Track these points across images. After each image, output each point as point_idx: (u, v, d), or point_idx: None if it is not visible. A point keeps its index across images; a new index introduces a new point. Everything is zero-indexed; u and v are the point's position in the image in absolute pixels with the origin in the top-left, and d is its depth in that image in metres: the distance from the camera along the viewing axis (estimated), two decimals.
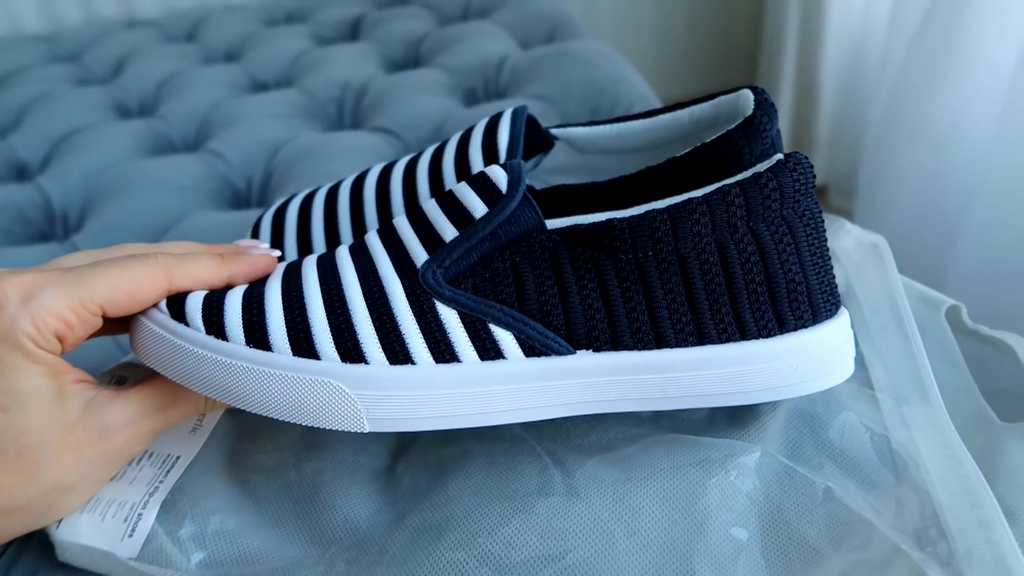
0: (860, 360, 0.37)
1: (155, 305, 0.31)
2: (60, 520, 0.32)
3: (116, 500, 0.32)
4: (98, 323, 0.30)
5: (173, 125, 0.79)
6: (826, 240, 0.32)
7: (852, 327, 0.33)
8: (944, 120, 0.92)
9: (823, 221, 0.31)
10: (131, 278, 0.30)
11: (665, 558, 0.29)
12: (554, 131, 0.44)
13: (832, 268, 0.32)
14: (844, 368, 0.33)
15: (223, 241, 0.45)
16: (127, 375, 0.35)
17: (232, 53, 0.98)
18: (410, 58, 0.92)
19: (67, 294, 0.29)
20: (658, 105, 0.71)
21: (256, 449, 0.36)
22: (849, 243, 0.44)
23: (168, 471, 0.34)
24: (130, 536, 0.31)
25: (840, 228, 0.45)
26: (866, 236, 0.44)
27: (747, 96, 0.38)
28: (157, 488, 0.33)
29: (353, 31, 1.01)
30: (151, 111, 0.84)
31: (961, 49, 0.87)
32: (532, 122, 0.44)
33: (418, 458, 0.35)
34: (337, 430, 0.31)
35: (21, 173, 0.74)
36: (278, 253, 0.35)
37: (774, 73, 1.42)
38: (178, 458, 0.34)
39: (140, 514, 0.32)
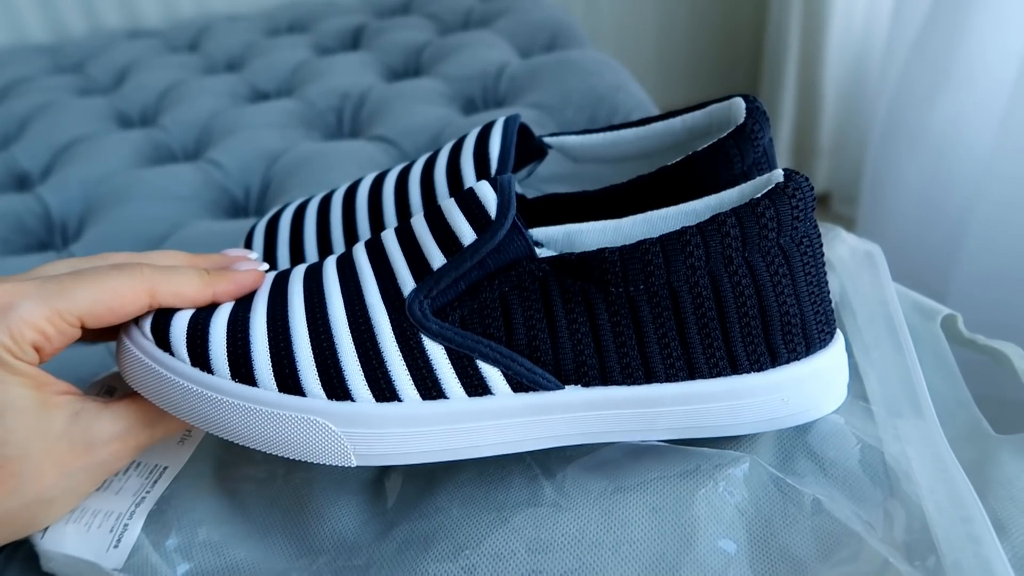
0: (854, 371, 0.36)
1: (139, 327, 0.31)
2: (45, 530, 0.31)
3: (102, 510, 0.32)
4: (76, 334, 0.30)
5: (173, 134, 0.79)
6: (823, 264, 0.31)
7: (846, 338, 0.33)
8: (945, 128, 0.91)
9: (821, 245, 0.31)
10: (112, 290, 0.30)
11: (653, 570, 0.29)
12: (547, 140, 0.44)
13: (828, 294, 0.31)
14: (836, 397, 0.32)
15: (218, 250, 0.45)
16: (116, 386, 0.35)
17: (233, 63, 0.99)
18: (410, 67, 0.92)
19: (45, 305, 0.29)
20: (656, 113, 0.71)
21: (244, 460, 0.36)
22: (844, 251, 0.44)
23: (155, 481, 0.34)
24: (116, 547, 0.31)
25: (835, 236, 0.45)
26: (861, 244, 0.44)
27: (739, 104, 0.38)
28: (144, 498, 0.33)
29: (354, 41, 1.02)
30: (152, 121, 0.85)
31: (962, 57, 0.87)
32: (525, 131, 0.43)
33: (407, 469, 0.35)
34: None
35: (22, 183, 0.74)
36: (266, 267, 0.35)
37: (776, 81, 1.42)
38: (165, 468, 0.34)
39: (126, 524, 0.32)
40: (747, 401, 0.31)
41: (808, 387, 0.31)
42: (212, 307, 0.32)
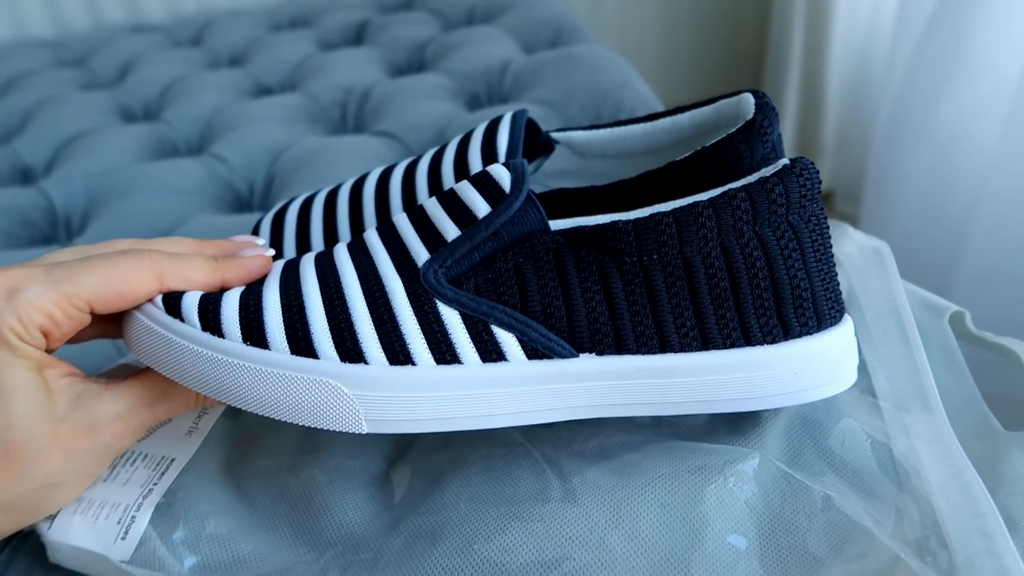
0: (862, 367, 0.36)
1: (150, 300, 0.31)
2: (52, 521, 0.31)
3: (109, 502, 0.32)
4: (85, 319, 0.30)
5: (177, 129, 0.79)
6: (831, 247, 0.31)
7: (855, 334, 0.33)
8: (950, 125, 0.91)
9: (828, 228, 0.31)
10: (121, 275, 0.30)
11: (662, 565, 0.29)
12: (554, 135, 0.44)
13: (836, 275, 0.32)
14: (847, 376, 0.32)
15: None
16: (120, 376, 0.35)
17: (237, 58, 0.98)
18: (414, 63, 0.92)
19: (53, 289, 0.29)
20: (661, 110, 0.71)
21: (252, 453, 0.36)
22: (852, 248, 0.44)
23: (163, 473, 0.34)
24: (123, 539, 0.31)
25: (843, 233, 0.45)
26: (868, 241, 0.44)
27: (748, 100, 0.38)
28: (151, 490, 0.33)
29: (358, 36, 1.02)
30: (155, 115, 0.85)
31: (967, 54, 0.87)
32: (532, 126, 0.43)
33: (415, 463, 0.35)
34: (334, 431, 0.31)
35: (25, 176, 0.74)
36: (272, 252, 0.35)
37: (780, 78, 1.41)
38: (173, 460, 0.34)
39: (133, 516, 0.32)
40: (760, 373, 0.31)
41: (819, 362, 0.31)
42: (222, 289, 0.32)
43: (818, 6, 1.28)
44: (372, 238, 0.33)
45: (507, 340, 0.30)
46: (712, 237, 0.30)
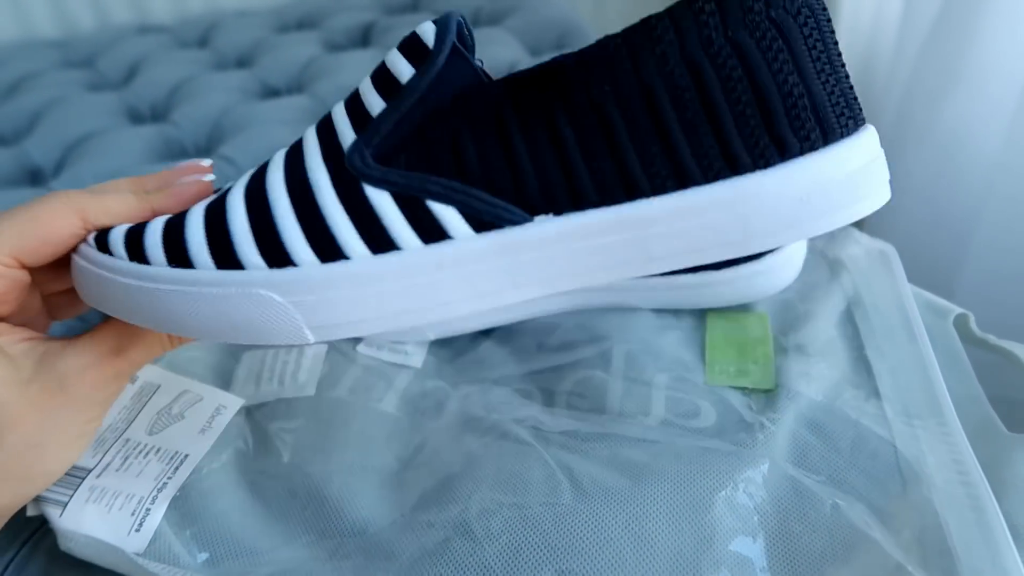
0: (869, 370, 0.37)
1: (86, 242, 0.29)
2: (64, 508, 0.31)
3: (123, 492, 0.32)
4: (21, 275, 0.29)
5: (185, 130, 0.79)
6: (835, 43, 0.26)
7: (861, 339, 0.32)
8: (954, 128, 0.91)
9: (829, 20, 0.26)
10: (37, 218, 0.28)
11: (672, 569, 0.29)
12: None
13: (847, 77, 0.27)
14: (876, 193, 0.27)
15: None
16: None
17: (244, 59, 0.99)
18: None
19: None
20: None
21: (265, 450, 0.36)
22: (858, 251, 0.44)
23: (176, 468, 0.34)
24: (137, 531, 0.31)
25: (848, 236, 0.45)
26: (874, 244, 0.44)
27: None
28: (166, 484, 0.33)
29: (364, 38, 1.02)
30: (163, 116, 0.85)
31: (972, 56, 0.87)
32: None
33: (426, 464, 0.35)
34: (344, 436, 0.30)
35: (35, 178, 0.75)
36: (213, 178, 0.32)
37: None
38: (187, 456, 0.35)
39: (148, 509, 0.32)
40: (755, 206, 0.26)
41: (832, 181, 0.26)
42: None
43: None
44: (309, 133, 0.30)
45: (447, 214, 0.27)
46: (672, 53, 0.25)
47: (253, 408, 0.38)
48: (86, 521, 0.31)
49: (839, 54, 0.26)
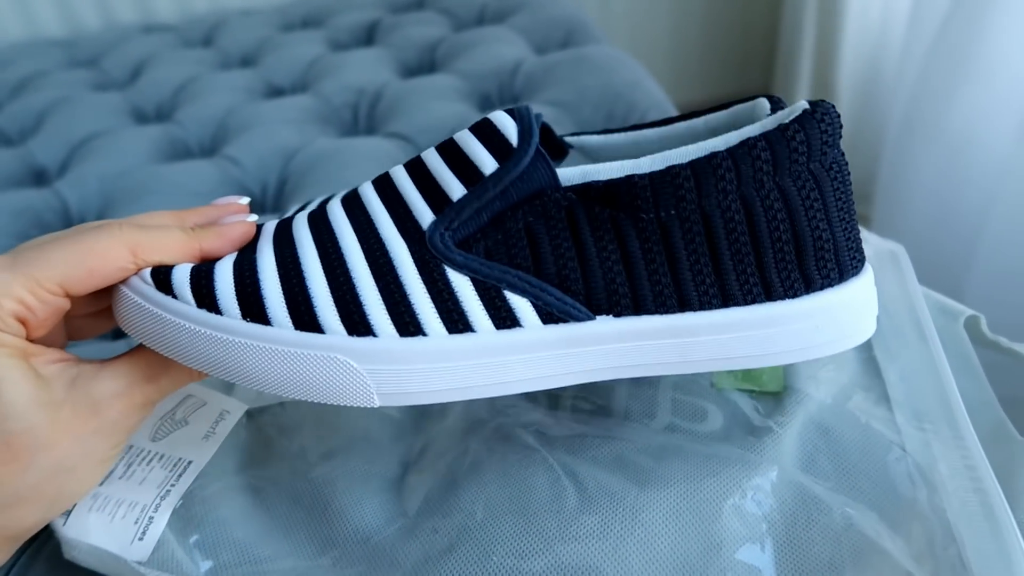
0: (878, 373, 0.36)
1: (138, 276, 0.30)
2: (67, 516, 0.31)
3: (126, 500, 0.32)
4: (63, 303, 0.29)
5: (189, 130, 0.79)
6: (851, 194, 0.30)
7: (870, 340, 0.32)
8: (963, 126, 0.90)
9: (849, 174, 0.30)
10: (88, 249, 0.28)
11: (678, 575, 0.29)
12: (568, 139, 0.44)
13: (857, 223, 0.30)
14: (866, 328, 0.31)
15: None
16: None
17: (248, 58, 0.99)
18: (425, 63, 0.92)
19: (21, 273, 0.28)
20: (673, 111, 0.71)
21: (269, 458, 0.36)
22: (867, 252, 0.43)
23: (180, 475, 0.34)
24: (140, 539, 0.31)
25: None
26: (884, 244, 0.44)
27: (763, 104, 0.37)
28: (169, 492, 0.33)
29: (368, 36, 1.02)
30: (168, 116, 0.85)
31: (981, 54, 0.86)
32: (546, 129, 0.43)
33: (430, 468, 0.35)
34: (348, 439, 0.30)
35: (40, 178, 0.75)
36: (255, 218, 0.33)
37: (790, 79, 1.41)
38: (190, 463, 0.34)
39: (151, 517, 0.32)
40: (782, 329, 0.30)
41: (841, 316, 0.30)
42: (206, 259, 0.31)
43: (829, 6, 1.27)
44: (369, 194, 0.31)
45: (521, 305, 0.29)
46: (731, 189, 0.28)
47: (256, 412, 0.38)
48: (90, 530, 0.31)
49: (853, 203, 0.30)
